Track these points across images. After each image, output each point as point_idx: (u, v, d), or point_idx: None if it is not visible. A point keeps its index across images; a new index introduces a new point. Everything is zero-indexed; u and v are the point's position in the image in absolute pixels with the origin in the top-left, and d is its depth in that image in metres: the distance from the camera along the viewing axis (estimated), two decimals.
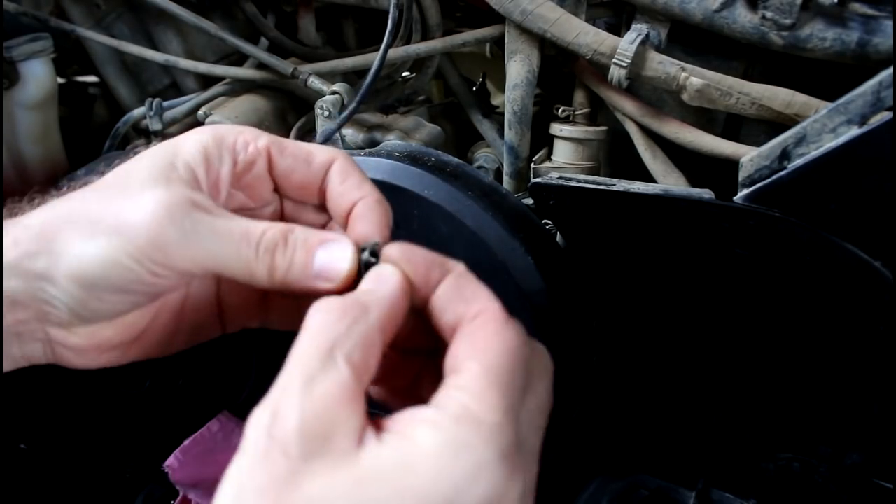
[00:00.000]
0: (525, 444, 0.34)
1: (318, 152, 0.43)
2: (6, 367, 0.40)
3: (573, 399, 0.75)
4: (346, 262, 0.38)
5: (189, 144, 0.41)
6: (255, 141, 0.42)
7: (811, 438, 0.71)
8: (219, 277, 0.45)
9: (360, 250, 0.39)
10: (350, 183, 0.42)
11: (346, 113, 0.66)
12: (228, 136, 0.42)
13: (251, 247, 0.38)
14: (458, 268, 0.38)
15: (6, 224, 0.39)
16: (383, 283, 0.37)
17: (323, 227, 0.45)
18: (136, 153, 0.42)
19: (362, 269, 0.38)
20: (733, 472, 0.78)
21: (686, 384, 0.76)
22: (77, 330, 0.40)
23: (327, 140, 0.82)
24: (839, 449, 0.70)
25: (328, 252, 0.39)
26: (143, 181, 0.39)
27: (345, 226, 0.42)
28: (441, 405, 0.33)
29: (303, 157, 0.43)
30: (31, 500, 0.95)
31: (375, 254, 0.39)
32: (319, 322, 0.34)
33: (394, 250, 0.38)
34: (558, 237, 0.76)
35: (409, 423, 0.32)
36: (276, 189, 0.44)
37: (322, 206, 0.44)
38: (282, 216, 0.45)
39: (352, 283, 0.38)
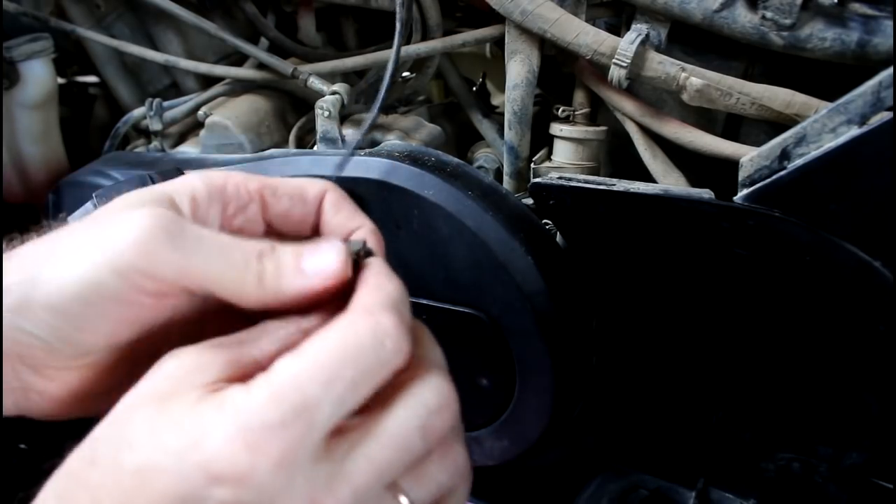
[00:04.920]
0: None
1: (309, 187, 0.43)
2: None
3: (573, 399, 0.75)
4: (338, 255, 0.37)
5: (175, 184, 0.40)
6: (246, 184, 0.41)
7: (811, 438, 0.71)
8: (202, 324, 0.42)
9: (353, 251, 0.39)
10: (344, 214, 0.43)
11: (367, 125, 0.62)
12: (217, 179, 0.41)
13: (241, 253, 0.36)
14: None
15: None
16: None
17: None
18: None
19: (356, 259, 0.39)
20: (733, 472, 0.78)
21: (686, 384, 0.76)
22: (52, 374, 0.38)
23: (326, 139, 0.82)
24: (839, 449, 0.70)
25: (318, 249, 0.38)
26: (127, 206, 0.38)
27: None
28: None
29: (298, 195, 0.42)
30: (31, 501, 0.94)
31: (369, 252, 0.39)
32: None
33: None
34: (558, 237, 0.76)
35: None
36: (268, 231, 0.43)
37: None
38: None
39: (346, 279, 0.37)
